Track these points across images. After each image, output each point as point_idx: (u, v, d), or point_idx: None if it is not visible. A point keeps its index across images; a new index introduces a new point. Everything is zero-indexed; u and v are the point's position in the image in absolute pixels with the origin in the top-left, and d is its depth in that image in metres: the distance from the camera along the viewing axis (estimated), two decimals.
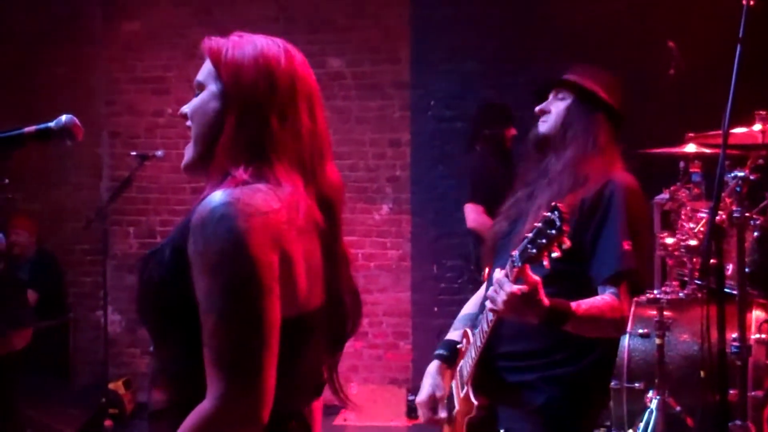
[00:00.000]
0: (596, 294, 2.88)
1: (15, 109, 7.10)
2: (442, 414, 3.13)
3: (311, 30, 7.45)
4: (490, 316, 2.78)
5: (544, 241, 2.50)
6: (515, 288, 2.58)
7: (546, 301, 2.63)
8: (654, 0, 6.89)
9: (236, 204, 1.73)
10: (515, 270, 2.59)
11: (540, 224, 2.53)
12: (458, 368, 3.11)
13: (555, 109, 3.16)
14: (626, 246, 2.84)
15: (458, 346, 3.15)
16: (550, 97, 3.20)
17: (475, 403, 2.93)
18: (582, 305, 2.76)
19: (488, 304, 2.72)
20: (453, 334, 3.32)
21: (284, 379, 1.79)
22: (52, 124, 2.16)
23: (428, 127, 7.42)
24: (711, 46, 5.08)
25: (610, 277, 2.85)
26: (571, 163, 3.03)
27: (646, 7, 6.88)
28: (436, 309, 7.35)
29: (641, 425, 4.48)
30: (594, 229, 2.90)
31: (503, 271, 2.66)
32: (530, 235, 2.55)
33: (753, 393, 4.20)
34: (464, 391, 3.01)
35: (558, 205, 2.50)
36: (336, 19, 7.52)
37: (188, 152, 1.96)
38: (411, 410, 6.97)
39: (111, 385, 6.95)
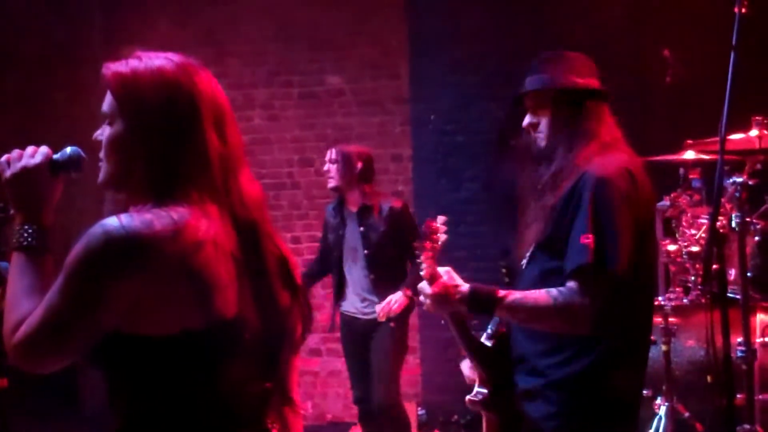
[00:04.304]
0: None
1: (15, 135, 7.07)
2: None
3: (311, 48, 7.50)
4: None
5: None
6: (431, 290, 3.01)
7: (464, 288, 2.96)
8: (649, 10, 6.92)
9: (115, 225, 1.77)
10: (427, 273, 3.03)
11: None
12: None
13: (543, 118, 3.19)
14: (583, 240, 2.77)
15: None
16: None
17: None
18: (515, 294, 2.87)
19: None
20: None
21: (202, 389, 1.82)
22: (57, 156, 2.12)
23: (429, 141, 7.43)
24: (706, 53, 5.10)
25: (570, 273, 2.80)
26: (570, 161, 2.97)
27: (642, 17, 6.91)
28: (443, 322, 7.30)
29: None
30: (567, 225, 2.86)
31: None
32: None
33: (760, 396, 4.22)
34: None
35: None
36: (335, 38, 7.54)
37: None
38: (422, 424, 6.98)
39: None
